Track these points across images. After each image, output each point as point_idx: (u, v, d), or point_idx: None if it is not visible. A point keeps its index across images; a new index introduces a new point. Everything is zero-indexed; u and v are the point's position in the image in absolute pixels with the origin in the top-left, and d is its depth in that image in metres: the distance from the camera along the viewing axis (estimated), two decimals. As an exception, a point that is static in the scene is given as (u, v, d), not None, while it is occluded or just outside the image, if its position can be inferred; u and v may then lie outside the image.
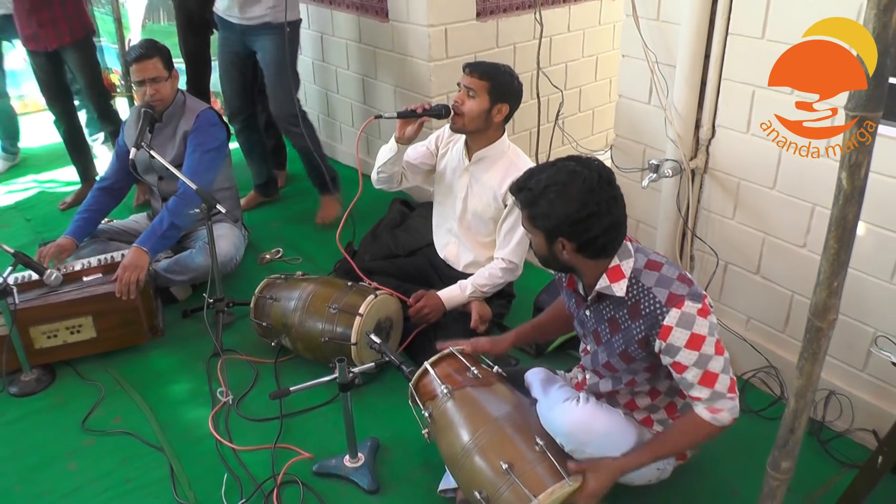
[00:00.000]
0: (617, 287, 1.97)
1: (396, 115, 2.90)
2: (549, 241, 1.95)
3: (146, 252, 3.13)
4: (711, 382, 1.93)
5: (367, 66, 4.51)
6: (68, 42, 4.17)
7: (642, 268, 1.97)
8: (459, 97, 2.84)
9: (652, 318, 1.92)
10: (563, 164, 1.93)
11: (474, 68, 2.82)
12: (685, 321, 1.89)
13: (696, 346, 1.90)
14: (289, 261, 3.89)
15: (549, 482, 1.96)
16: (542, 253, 2.01)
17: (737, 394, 1.98)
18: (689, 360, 1.91)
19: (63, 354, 3.05)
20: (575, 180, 1.88)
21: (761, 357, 2.84)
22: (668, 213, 3.00)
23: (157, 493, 2.48)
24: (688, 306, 1.89)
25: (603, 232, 1.91)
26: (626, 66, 3.08)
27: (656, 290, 1.92)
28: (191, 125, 3.41)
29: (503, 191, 2.90)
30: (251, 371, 3.03)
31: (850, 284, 1.73)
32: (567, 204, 1.88)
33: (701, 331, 1.89)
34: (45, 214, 4.52)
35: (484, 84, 2.79)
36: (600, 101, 5.01)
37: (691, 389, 1.95)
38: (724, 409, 1.95)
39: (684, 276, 1.95)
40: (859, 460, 2.39)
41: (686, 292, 1.91)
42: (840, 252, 1.43)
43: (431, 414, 2.24)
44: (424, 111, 2.87)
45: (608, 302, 2.03)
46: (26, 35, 4.18)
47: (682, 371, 1.93)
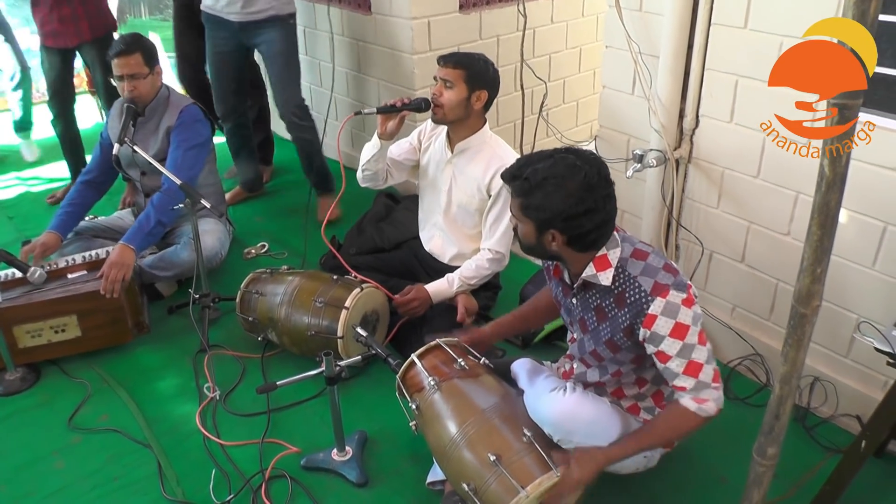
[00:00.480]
0: (603, 276, 1.97)
1: (376, 110, 2.90)
2: (540, 231, 1.94)
3: (132, 249, 3.11)
4: (696, 372, 1.93)
5: (350, 60, 4.50)
6: (88, 39, 4.16)
7: (629, 257, 1.98)
8: (437, 89, 2.84)
9: (637, 306, 1.93)
10: (561, 157, 1.90)
11: (448, 59, 2.83)
12: (669, 310, 1.89)
13: (681, 336, 1.90)
14: (274, 255, 3.88)
15: (537, 473, 1.96)
16: (530, 242, 2.00)
17: (721, 384, 1.99)
18: (673, 349, 1.91)
19: (48, 354, 3.03)
20: (575, 175, 1.86)
21: (747, 345, 2.86)
22: (652, 203, 3.01)
23: (145, 490, 2.47)
24: (672, 295, 1.90)
25: (595, 228, 1.90)
26: (609, 57, 3.08)
27: (641, 280, 1.93)
28: (174, 120, 3.39)
29: (487, 181, 2.90)
30: (238, 366, 3.02)
31: (833, 271, 1.75)
32: (564, 198, 1.86)
33: (685, 320, 1.90)
34: (28, 212, 4.49)
35: (459, 73, 2.80)
36: (584, 93, 5.01)
37: (676, 379, 1.96)
38: (709, 398, 1.96)
39: (669, 266, 1.96)
40: (844, 445, 2.41)
41: (671, 282, 1.91)
42: (823, 239, 1.44)
43: (419, 406, 2.24)
44: (404, 105, 2.87)
45: (594, 290, 2.03)
46: (45, 31, 4.16)
47: (666, 360, 1.94)
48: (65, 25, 4.08)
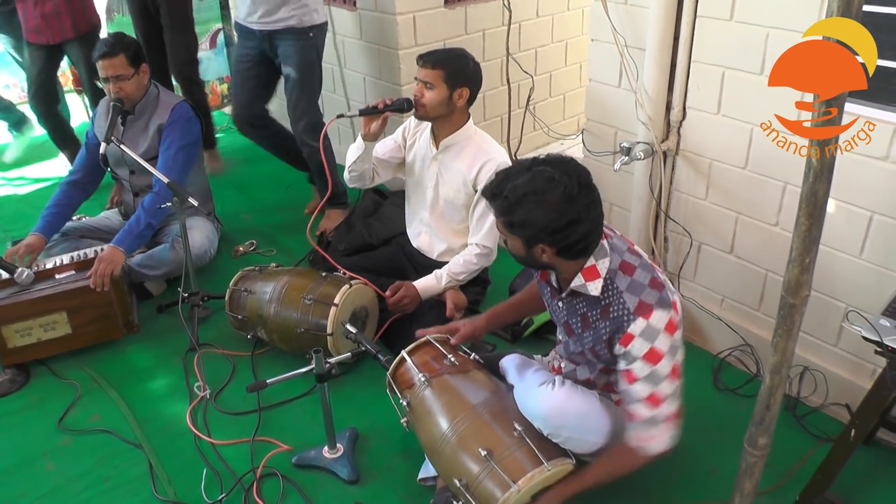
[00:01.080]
0: (592, 286, 1.97)
1: (358, 113, 2.88)
2: (528, 246, 1.93)
3: (122, 251, 3.11)
4: (656, 404, 1.94)
5: (334, 56, 4.48)
6: (71, 36, 4.14)
7: (617, 269, 1.96)
8: (418, 90, 2.84)
9: (618, 322, 1.93)
10: (539, 170, 1.86)
11: (427, 59, 2.81)
12: (648, 333, 1.89)
13: (653, 361, 1.91)
14: (263, 253, 3.87)
15: (529, 467, 1.97)
16: (521, 255, 1.98)
17: (677, 422, 2.00)
18: (643, 372, 1.92)
19: (38, 353, 3.02)
20: (554, 189, 1.83)
21: (737, 335, 2.87)
22: (640, 195, 3.01)
23: (137, 490, 2.46)
24: (655, 317, 1.89)
25: (582, 237, 1.88)
26: (595, 50, 3.08)
27: (626, 296, 1.92)
28: (165, 119, 3.37)
29: (472, 176, 2.90)
30: (228, 364, 3.01)
31: (822, 261, 1.75)
32: (546, 213, 1.84)
33: (661, 347, 1.90)
34: (14, 212, 4.45)
35: (438, 73, 2.79)
36: (571, 86, 5.00)
37: (634, 404, 1.97)
38: (655, 437, 1.97)
39: (656, 280, 1.95)
40: (834, 434, 2.43)
41: (655, 300, 1.90)
42: (811, 228, 1.44)
43: (409, 402, 2.24)
44: (386, 106, 2.86)
45: (582, 298, 2.03)
46: (29, 27, 4.14)
47: (632, 381, 1.94)
48: (48, 22, 4.06)
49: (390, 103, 2.87)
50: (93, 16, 4.27)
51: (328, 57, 4.49)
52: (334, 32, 4.33)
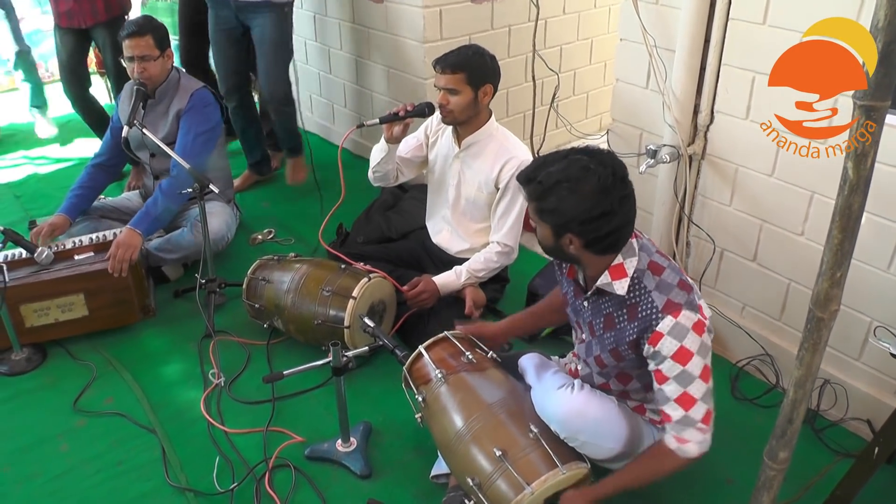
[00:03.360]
0: (618, 285, 1.94)
1: (379, 121, 2.87)
2: (557, 235, 1.90)
3: (139, 233, 3.11)
4: (688, 405, 1.90)
5: (360, 47, 4.47)
6: (103, 19, 4.12)
7: (645, 268, 1.94)
8: (442, 98, 2.81)
9: (646, 321, 1.90)
10: (575, 159, 1.85)
11: (444, 64, 2.78)
12: (677, 332, 1.86)
13: (683, 361, 1.87)
14: (281, 241, 3.86)
15: (543, 469, 1.96)
16: (548, 245, 1.96)
17: (710, 427, 1.95)
18: (672, 372, 1.88)
19: (54, 333, 3.03)
20: (589, 178, 1.81)
21: (756, 345, 2.84)
22: (664, 199, 2.98)
23: (149, 475, 2.46)
24: (684, 316, 1.86)
25: (613, 231, 1.86)
26: (623, 50, 3.05)
27: (655, 295, 1.90)
28: (184, 104, 3.37)
29: (495, 174, 2.89)
30: (243, 353, 3.01)
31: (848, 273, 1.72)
32: (579, 202, 1.81)
33: (691, 346, 1.87)
34: (35, 191, 4.47)
35: (460, 76, 2.76)
36: (595, 85, 4.97)
37: (666, 405, 1.93)
38: (691, 440, 1.93)
39: (684, 283, 1.93)
40: (854, 449, 2.40)
41: (684, 301, 1.88)
42: (844, 242, 1.42)
43: (425, 398, 2.23)
44: (407, 113, 2.85)
45: (608, 298, 2.00)
46: (60, 11, 4.13)
47: (662, 381, 1.91)
48: (80, 5, 4.06)
49: (411, 109, 2.85)
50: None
51: (352, 47, 4.50)
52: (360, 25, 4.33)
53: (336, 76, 4.79)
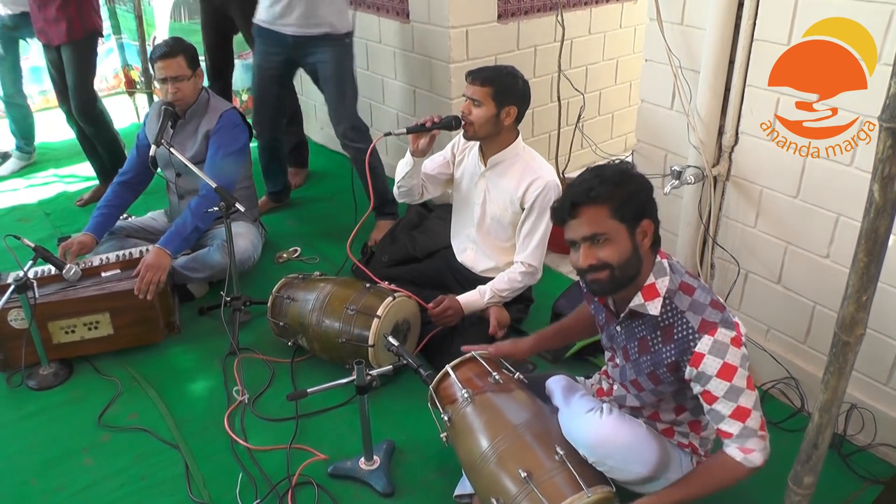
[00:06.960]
0: (651, 306, 1.94)
1: (406, 130, 2.90)
2: (632, 229, 1.87)
3: (168, 253, 3.14)
4: (743, 417, 1.88)
5: (385, 67, 4.50)
6: (65, 41, 4.14)
7: (676, 289, 1.94)
8: (465, 107, 2.83)
9: (684, 343, 1.89)
10: (605, 165, 1.94)
11: (476, 76, 2.81)
12: (718, 349, 1.85)
13: (728, 377, 1.85)
14: (306, 260, 3.89)
15: (568, 492, 1.94)
16: (626, 250, 1.87)
17: (767, 433, 1.93)
18: (720, 390, 1.86)
19: (80, 350, 3.06)
20: (628, 167, 1.93)
21: (781, 368, 2.81)
22: (689, 220, 2.98)
23: (172, 490, 2.48)
24: (721, 334, 1.85)
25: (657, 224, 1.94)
26: (648, 71, 3.06)
27: (689, 315, 1.89)
28: (213, 125, 3.42)
29: (520, 194, 2.89)
30: (267, 370, 3.03)
31: (875, 296, 1.71)
32: (638, 183, 1.90)
33: (733, 361, 1.85)
34: (65, 209, 4.54)
35: (487, 90, 2.78)
36: (620, 105, 4.98)
37: (722, 423, 1.90)
38: (755, 448, 1.90)
39: (717, 302, 1.92)
40: (882, 475, 2.37)
41: (719, 319, 1.87)
42: (870, 266, 1.41)
43: (451, 418, 2.23)
44: (434, 124, 2.87)
45: (641, 320, 1.99)
46: (37, 28, 4.21)
47: (712, 402, 1.89)
48: (48, 25, 4.12)
49: (438, 121, 2.87)
50: (89, 22, 4.20)
51: (377, 66, 4.54)
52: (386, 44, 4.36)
53: (365, 98, 4.82)
